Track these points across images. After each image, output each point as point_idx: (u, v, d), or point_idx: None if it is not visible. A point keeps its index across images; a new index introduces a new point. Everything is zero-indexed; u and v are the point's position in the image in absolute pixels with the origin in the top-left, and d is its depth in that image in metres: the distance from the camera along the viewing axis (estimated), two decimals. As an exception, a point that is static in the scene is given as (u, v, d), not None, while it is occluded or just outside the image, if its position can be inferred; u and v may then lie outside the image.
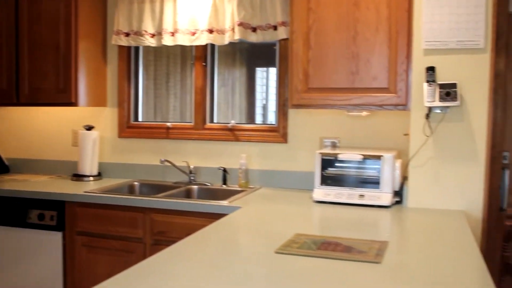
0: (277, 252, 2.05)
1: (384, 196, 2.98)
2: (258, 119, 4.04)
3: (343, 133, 3.52)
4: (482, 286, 1.74)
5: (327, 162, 3.12)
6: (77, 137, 4.09)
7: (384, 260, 1.96)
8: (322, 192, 3.10)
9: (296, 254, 2.04)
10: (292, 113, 3.63)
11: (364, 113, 3.30)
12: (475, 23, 2.85)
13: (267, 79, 4.09)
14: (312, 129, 3.59)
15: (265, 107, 4.05)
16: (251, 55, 4.14)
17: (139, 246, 3.25)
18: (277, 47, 3.72)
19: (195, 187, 3.74)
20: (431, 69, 2.86)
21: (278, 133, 3.69)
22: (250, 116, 4.07)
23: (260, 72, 4.17)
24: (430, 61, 2.91)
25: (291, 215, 2.87)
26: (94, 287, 1.57)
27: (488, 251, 3.14)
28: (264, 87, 4.10)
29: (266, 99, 4.03)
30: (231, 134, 3.81)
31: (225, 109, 4.09)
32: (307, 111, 3.57)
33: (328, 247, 2.12)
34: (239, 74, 4.16)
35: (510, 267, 2.48)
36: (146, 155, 4.03)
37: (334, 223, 2.75)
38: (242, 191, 3.52)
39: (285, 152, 3.67)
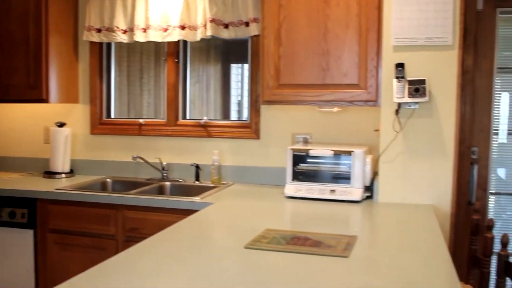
0: (246, 247, 2.07)
1: (354, 191, 3.01)
2: (234, 115, 4.04)
3: (315, 129, 3.54)
4: (447, 280, 1.77)
5: (299, 158, 3.14)
6: (48, 134, 4.05)
7: (352, 254, 1.99)
8: (293, 188, 3.12)
9: (265, 249, 2.05)
10: (265, 109, 3.65)
11: (335, 109, 3.32)
12: (443, 20, 2.89)
13: (242, 75, 4.10)
14: (284, 125, 3.61)
15: (240, 104, 4.06)
16: (226, 51, 4.14)
17: (112, 243, 3.24)
18: (249, 44, 3.73)
19: (168, 183, 3.74)
20: (400, 66, 2.90)
21: (251, 129, 3.70)
22: (225, 113, 4.08)
23: (235, 68, 4.17)
24: (400, 58, 2.95)
25: (263, 211, 2.89)
26: (58, 286, 1.57)
27: (456, 244, 3.20)
28: (239, 84, 4.11)
29: (241, 95, 4.03)
30: (204, 130, 3.81)
31: (199, 105, 4.08)
32: (279, 107, 3.59)
33: (297, 242, 2.14)
34: (214, 71, 4.15)
35: (478, 260, 2.53)
36: (119, 151, 4.01)
37: (304, 218, 2.78)
38: (214, 187, 3.53)
39: (258, 148, 3.68)
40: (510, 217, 3.58)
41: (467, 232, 2.77)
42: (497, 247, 2.31)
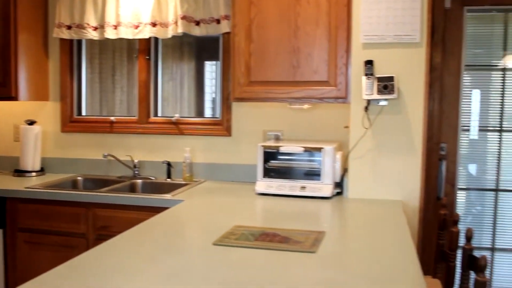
0: (214, 244, 2.07)
1: (325, 187, 3.04)
2: (208, 112, 4.04)
3: (286, 126, 3.56)
4: (411, 274, 1.80)
5: (270, 155, 3.16)
6: (18, 132, 4.00)
7: (319, 250, 2.01)
8: (264, 185, 3.14)
9: (234, 245, 2.06)
10: (236, 106, 3.65)
11: (306, 106, 3.35)
12: (411, 18, 2.93)
13: (216, 72, 4.09)
14: (256, 122, 3.62)
15: (214, 101, 4.05)
16: (200, 48, 4.13)
17: (82, 241, 3.22)
18: (220, 41, 3.73)
19: (139, 181, 3.72)
20: (369, 63, 2.93)
21: (222, 126, 3.71)
22: (199, 110, 4.07)
23: (209, 65, 4.16)
24: (369, 55, 2.98)
25: (233, 208, 2.90)
26: (25, 283, 1.56)
27: (425, 239, 3.24)
28: (214, 81, 4.11)
29: (216, 92, 4.03)
30: (176, 127, 3.81)
31: (173, 103, 4.07)
32: (251, 105, 3.60)
33: (265, 238, 2.15)
34: (187, 68, 4.14)
35: (445, 254, 2.57)
36: (90, 149, 3.98)
37: (274, 215, 2.79)
38: (186, 184, 3.53)
39: (229, 145, 3.69)
40: (480, 212, 3.64)
41: (436, 227, 2.82)
42: (462, 241, 2.35)
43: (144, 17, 3.67)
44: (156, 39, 3.89)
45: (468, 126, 3.56)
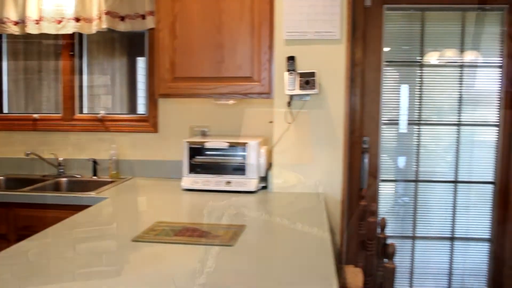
0: (133, 241, 2.07)
1: (250, 182, 3.07)
2: (141, 109, 3.98)
3: (213, 122, 3.57)
4: (326, 265, 1.85)
5: (195, 151, 3.16)
6: None
7: (237, 243, 2.04)
8: (190, 180, 3.14)
9: (153, 241, 2.06)
10: (163, 103, 3.64)
11: (231, 102, 3.37)
12: (332, 15, 3.00)
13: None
14: (183, 118, 3.61)
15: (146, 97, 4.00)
16: (132, 44, 4.07)
17: (2, 243, 3.12)
18: (146, 37, 3.70)
19: (64, 179, 3.65)
20: (291, 59, 2.98)
21: (149, 122, 3.68)
22: (132, 106, 4.02)
23: (141, 61, 4.11)
24: (291, 51, 3.03)
25: (158, 204, 2.89)
26: None
27: (349, 230, 3.34)
28: (146, 77, 4.05)
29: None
30: (101, 124, 3.75)
31: (105, 99, 4.00)
32: (177, 101, 3.59)
33: (185, 233, 2.16)
34: (119, 64, 4.08)
35: (364, 244, 2.66)
36: (12, 148, 3.86)
37: (198, 210, 2.80)
38: (112, 181, 3.48)
39: (156, 142, 3.67)
40: (407, 203, 3.77)
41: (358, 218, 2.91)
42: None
43: (68, 12, 3.59)
44: (81, 34, 3.81)
45: (397, 120, 3.68)
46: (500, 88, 3.59)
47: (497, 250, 3.54)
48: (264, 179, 3.16)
